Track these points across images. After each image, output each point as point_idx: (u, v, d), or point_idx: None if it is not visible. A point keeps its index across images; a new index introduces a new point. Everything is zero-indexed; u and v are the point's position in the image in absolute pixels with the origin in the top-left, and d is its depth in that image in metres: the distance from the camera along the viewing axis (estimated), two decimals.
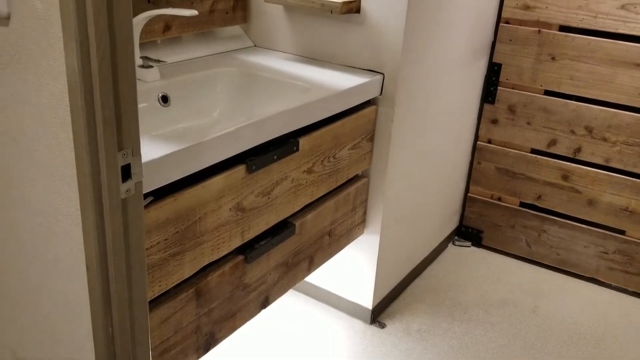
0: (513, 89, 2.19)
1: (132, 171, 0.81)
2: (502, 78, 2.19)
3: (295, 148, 1.38)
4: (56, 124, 0.76)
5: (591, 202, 2.17)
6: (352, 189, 1.69)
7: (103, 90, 0.71)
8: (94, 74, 0.70)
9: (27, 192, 0.86)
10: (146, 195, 1.04)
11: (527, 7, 2.07)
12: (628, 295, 2.18)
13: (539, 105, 2.15)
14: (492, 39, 2.18)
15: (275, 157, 1.32)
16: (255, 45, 1.87)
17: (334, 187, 1.61)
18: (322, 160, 1.51)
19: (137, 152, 0.80)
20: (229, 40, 1.80)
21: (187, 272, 1.17)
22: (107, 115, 0.73)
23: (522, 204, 2.31)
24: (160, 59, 1.47)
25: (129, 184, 0.80)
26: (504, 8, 2.12)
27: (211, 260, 1.23)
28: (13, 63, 0.78)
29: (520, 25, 2.11)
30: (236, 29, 1.84)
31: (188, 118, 1.47)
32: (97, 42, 0.68)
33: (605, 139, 2.07)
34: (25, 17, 0.73)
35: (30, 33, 0.74)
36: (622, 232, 2.15)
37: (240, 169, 1.23)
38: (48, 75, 0.74)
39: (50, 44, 0.72)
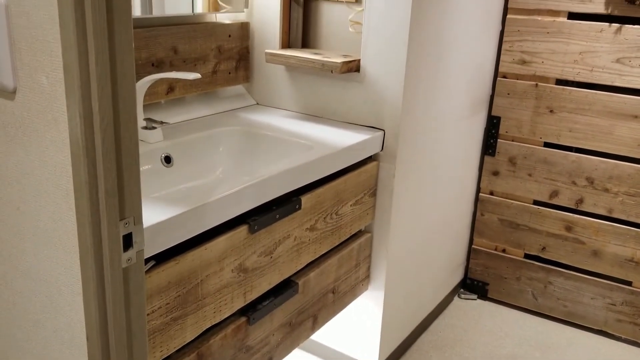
0: (513, 141, 2.21)
1: (133, 240, 0.81)
2: (501, 131, 2.21)
3: (297, 206, 1.39)
4: (59, 195, 0.77)
5: (596, 253, 2.15)
6: (355, 244, 1.68)
7: (106, 163, 0.72)
8: (97, 148, 0.71)
9: (29, 261, 0.86)
10: (147, 260, 1.04)
11: (523, 62, 2.12)
12: (638, 348, 2.14)
13: (539, 157, 2.16)
14: (491, 93, 2.22)
15: (278, 216, 1.32)
16: (257, 104, 1.90)
17: (337, 243, 1.60)
18: (324, 217, 1.51)
19: (138, 221, 0.81)
20: (231, 99, 1.84)
21: (189, 336, 1.16)
22: (109, 187, 0.74)
23: (527, 256, 2.29)
24: (164, 121, 1.49)
25: (130, 253, 0.80)
26: (500, 63, 2.16)
27: (213, 323, 1.22)
28: (18, 135, 0.79)
29: (517, 79, 2.15)
30: (239, 88, 1.88)
31: (191, 178, 1.48)
32: (101, 117, 0.70)
33: (607, 190, 2.07)
34: (31, 91, 0.75)
35: (35, 107, 0.75)
36: (629, 283, 2.13)
37: (243, 230, 1.23)
38: (52, 148, 0.75)
39: (54, 117, 0.73)
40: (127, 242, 0.80)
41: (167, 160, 1.45)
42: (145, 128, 1.45)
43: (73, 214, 0.76)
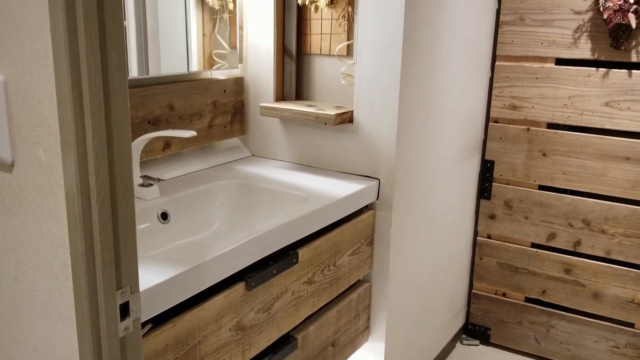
0: (508, 184, 2.22)
1: (130, 308, 0.80)
2: (496, 174, 2.23)
3: (294, 260, 1.39)
4: (56, 266, 0.77)
5: (596, 295, 2.14)
6: (354, 295, 1.67)
7: (103, 235, 0.73)
8: (94, 220, 0.72)
9: (26, 332, 0.86)
10: (144, 323, 1.03)
11: (514, 107, 2.15)
12: None
13: (535, 200, 2.18)
14: (483, 138, 2.24)
15: (275, 271, 1.32)
16: (253, 155, 1.92)
17: (336, 295, 1.59)
18: (322, 270, 1.50)
19: (135, 289, 0.81)
20: (227, 151, 1.86)
21: None
22: (106, 258, 0.74)
23: (528, 299, 2.28)
24: (160, 178, 1.50)
25: (127, 321, 0.80)
26: (492, 108, 2.19)
27: None
28: (16, 207, 0.80)
29: (509, 124, 2.18)
30: (234, 141, 1.90)
31: (187, 234, 1.48)
32: (98, 190, 0.71)
33: (603, 232, 2.08)
34: (28, 164, 0.76)
35: (33, 179, 0.76)
36: (632, 325, 2.11)
37: (240, 287, 1.23)
38: (49, 220, 0.76)
39: (52, 190, 0.74)
40: (124, 310, 0.80)
41: (164, 216, 1.45)
42: (142, 185, 1.46)
43: (70, 285, 0.77)
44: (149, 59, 1.52)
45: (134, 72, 1.46)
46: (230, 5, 1.79)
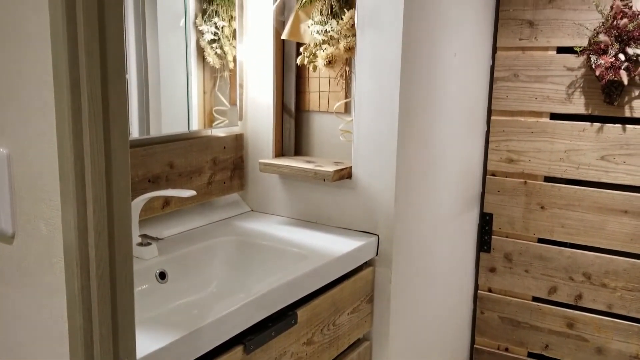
0: (507, 237, 2.22)
1: None
2: (495, 227, 2.23)
3: (293, 321, 1.37)
4: (54, 339, 0.77)
5: (600, 351, 2.10)
6: (354, 354, 1.65)
7: (101, 308, 0.72)
8: (92, 293, 0.71)
9: None
10: None
11: (510, 161, 2.17)
12: None
13: (535, 253, 2.17)
14: (481, 190, 2.26)
15: (274, 333, 1.31)
16: (252, 210, 1.92)
17: (335, 355, 1.57)
18: (321, 330, 1.49)
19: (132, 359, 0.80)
20: (226, 207, 1.86)
21: None
22: (104, 331, 0.73)
23: (531, 354, 2.24)
24: (159, 237, 1.50)
25: None
26: (488, 162, 2.21)
27: None
28: (15, 279, 0.79)
29: (506, 177, 2.19)
30: (234, 196, 1.91)
31: (186, 294, 1.47)
32: (97, 264, 0.71)
33: (604, 285, 2.06)
34: (28, 237, 0.76)
35: (32, 252, 0.76)
36: None
37: (238, 351, 1.21)
38: (48, 293, 0.75)
39: (51, 263, 0.74)
40: None
41: (162, 276, 1.45)
42: (141, 244, 1.46)
43: (67, 357, 0.76)
44: (150, 119, 1.55)
45: (135, 133, 1.48)
46: (231, 65, 1.83)
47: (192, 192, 1.39)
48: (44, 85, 0.69)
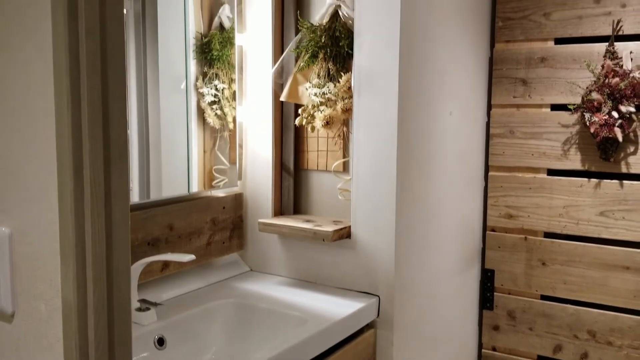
0: (509, 294, 2.20)
1: None
2: (497, 284, 2.21)
3: None
4: None
5: None
6: None
7: None
8: None
9: None
10: None
11: (510, 216, 2.17)
12: None
13: (538, 310, 2.15)
14: (482, 246, 2.25)
15: None
16: (251, 270, 1.91)
17: None
18: None
19: None
20: (226, 267, 1.85)
21: None
22: None
23: None
24: (158, 301, 1.48)
25: None
26: (488, 217, 2.22)
27: None
28: (13, 358, 0.78)
29: (506, 232, 2.19)
30: (233, 256, 1.90)
31: None
32: (96, 345, 0.70)
33: (610, 343, 2.03)
34: (28, 316, 0.76)
35: (32, 332, 0.76)
36: None
37: None
38: None
39: (50, 343, 0.73)
40: None
41: (160, 342, 1.42)
42: (139, 309, 1.44)
43: None
44: (151, 182, 1.56)
45: (135, 198, 1.49)
46: (231, 125, 1.86)
47: (192, 257, 1.39)
48: (47, 168, 0.70)
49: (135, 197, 1.49)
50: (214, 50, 1.83)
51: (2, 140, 0.75)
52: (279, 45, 1.84)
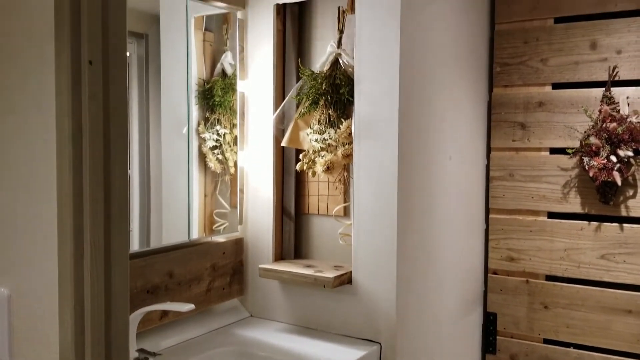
0: (512, 338, 2.17)
1: None
2: (499, 327, 2.19)
3: None
4: None
5: None
6: None
7: None
8: None
9: None
10: None
11: (511, 259, 2.17)
12: None
13: (541, 354, 2.12)
14: (484, 289, 2.23)
15: None
16: (251, 316, 1.89)
17: None
18: None
19: None
20: (225, 314, 1.83)
21: None
22: None
23: None
24: (157, 350, 1.47)
25: None
26: (489, 260, 2.21)
27: None
28: None
29: (508, 275, 2.18)
30: (233, 302, 1.89)
31: None
32: None
33: None
34: None
35: None
36: None
37: None
38: None
39: None
40: None
41: None
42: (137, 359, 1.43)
43: None
44: (151, 229, 1.56)
45: (135, 246, 1.49)
46: (232, 170, 1.87)
47: (191, 306, 1.38)
48: (48, 230, 0.70)
49: (135, 245, 1.49)
50: (216, 96, 1.85)
51: (3, 201, 0.76)
52: (280, 92, 1.86)
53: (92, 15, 0.67)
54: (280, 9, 1.83)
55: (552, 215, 2.11)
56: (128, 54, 1.70)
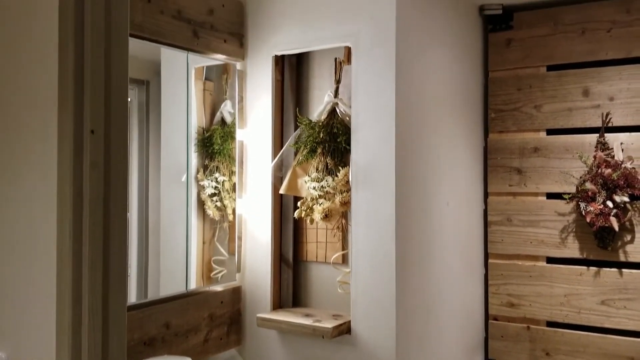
0: None
1: None
2: None
3: None
4: None
5: None
6: None
7: None
8: None
9: None
10: None
11: (511, 305, 2.15)
12: None
13: None
14: (484, 336, 2.21)
15: None
16: None
17: None
18: None
19: None
20: None
21: None
22: None
23: None
24: None
25: None
26: (490, 306, 2.19)
27: None
28: None
29: (508, 322, 2.16)
30: (230, 352, 1.86)
31: None
32: None
33: None
34: None
35: None
36: None
37: None
38: None
39: None
40: None
41: None
42: None
43: None
44: (149, 280, 1.56)
45: (132, 298, 1.48)
46: (230, 217, 1.88)
47: None
48: (47, 295, 0.71)
49: (132, 297, 1.49)
50: (215, 144, 1.87)
51: (4, 265, 0.77)
52: (279, 140, 1.89)
53: (96, 85, 0.69)
54: (279, 60, 1.87)
55: (550, 260, 2.11)
56: (129, 99, 1.73)
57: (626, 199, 1.91)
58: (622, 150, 1.97)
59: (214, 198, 1.87)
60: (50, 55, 0.71)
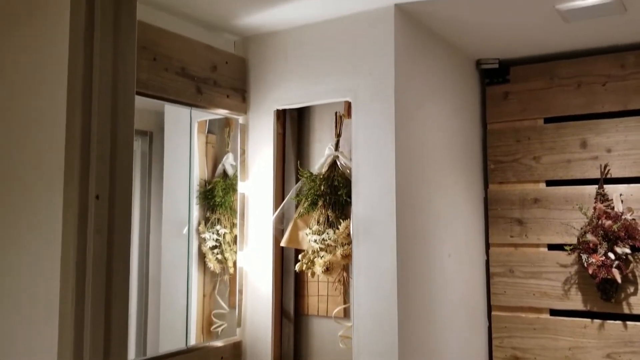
0: None
1: None
2: None
3: None
4: None
5: None
6: None
7: None
8: None
9: None
10: None
11: (516, 358, 2.12)
12: None
13: None
14: None
15: None
16: None
17: None
18: None
19: None
20: None
21: None
22: None
23: None
24: None
25: None
26: (494, 359, 2.16)
27: None
28: None
29: None
30: None
31: None
32: None
33: None
34: None
35: None
36: None
37: None
38: None
39: None
40: None
41: None
42: None
43: None
44: (148, 335, 1.54)
45: (131, 355, 1.46)
46: (231, 269, 1.87)
47: None
48: (47, 350, 0.70)
49: (131, 354, 1.47)
50: (217, 197, 1.89)
51: (7, 331, 0.76)
52: (280, 193, 1.90)
53: (101, 151, 0.71)
54: (281, 114, 1.90)
55: (554, 312, 2.08)
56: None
57: (628, 250, 1.91)
58: (622, 201, 1.98)
59: (215, 250, 1.87)
60: (57, 117, 0.73)
